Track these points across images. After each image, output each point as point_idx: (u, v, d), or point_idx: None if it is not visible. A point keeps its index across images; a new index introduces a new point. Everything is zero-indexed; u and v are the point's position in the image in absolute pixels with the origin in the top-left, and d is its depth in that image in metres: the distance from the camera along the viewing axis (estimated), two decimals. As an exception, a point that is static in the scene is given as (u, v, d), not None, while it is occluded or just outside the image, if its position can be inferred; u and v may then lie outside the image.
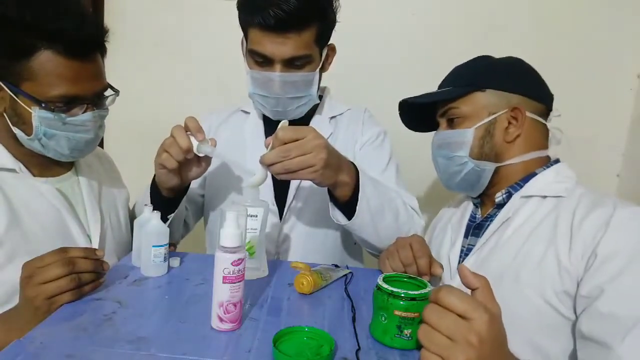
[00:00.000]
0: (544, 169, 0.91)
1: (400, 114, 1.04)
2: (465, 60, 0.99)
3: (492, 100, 0.91)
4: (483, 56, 0.98)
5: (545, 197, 0.87)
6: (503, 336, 0.56)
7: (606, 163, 1.65)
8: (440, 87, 1.00)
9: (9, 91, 0.81)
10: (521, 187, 0.91)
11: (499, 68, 0.94)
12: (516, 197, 0.90)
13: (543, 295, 0.78)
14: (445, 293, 0.54)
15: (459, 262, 0.95)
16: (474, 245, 0.94)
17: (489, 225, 0.93)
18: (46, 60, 0.80)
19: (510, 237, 0.87)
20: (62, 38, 0.79)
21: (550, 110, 0.95)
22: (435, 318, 0.54)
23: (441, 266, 0.91)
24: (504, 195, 0.93)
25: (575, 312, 0.76)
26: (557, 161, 0.94)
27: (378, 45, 1.63)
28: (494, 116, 0.90)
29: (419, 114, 1.01)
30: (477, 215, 1.00)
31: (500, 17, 1.57)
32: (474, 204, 1.02)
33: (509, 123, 0.90)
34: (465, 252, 0.96)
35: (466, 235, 0.98)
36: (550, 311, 0.78)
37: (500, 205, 0.93)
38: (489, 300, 0.56)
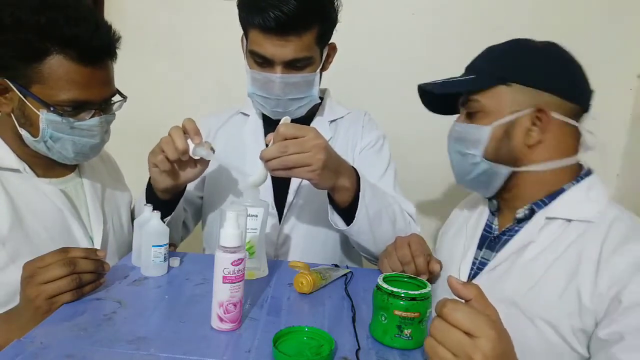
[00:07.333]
0: (574, 184, 0.82)
1: (420, 95, 0.95)
2: (464, 59, 0.91)
3: (517, 97, 0.81)
4: (520, 40, 0.86)
5: (571, 220, 0.79)
6: (509, 352, 0.55)
7: (606, 163, 1.64)
8: (468, 68, 0.90)
9: (18, 92, 0.82)
10: (546, 204, 0.82)
11: (531, 59, 0.83)
12: (540, 216, 0.82)
13: (559, 331, 0.73)
14: (451, 310, 0.53)
15: (469, 275, 0.89)
16: (487, 260, 0.88)
17: (506, 241, 0.85)
18: (57, 65, 0.80)
19: (530, 262, 0.79)
20: (75, 44, 0.79)
21: (587, 110, 0.85)
22: (440, 333, 0.54)
23: (439, 262, 0.90)
24: (526, 212, 0.84)
25: (588, 350, 0.71)
26: (588, 172, 0.84)
27: (378, 45, 1.62)
28: (515, 115, 0.80)
29: (441, 96, 0.90)
30: (493, 225, 0.91)
31: (500, 17, 1.56)
32: (491, 212, 0.94)
33: (533, 124, 0.80)
34: (477, 266, 0.89)
35: (480, 247, 0.91)
36: (563, 346, 0.73)
37: (520, 221, 0.85)
38: (486, 307, 0.56)
